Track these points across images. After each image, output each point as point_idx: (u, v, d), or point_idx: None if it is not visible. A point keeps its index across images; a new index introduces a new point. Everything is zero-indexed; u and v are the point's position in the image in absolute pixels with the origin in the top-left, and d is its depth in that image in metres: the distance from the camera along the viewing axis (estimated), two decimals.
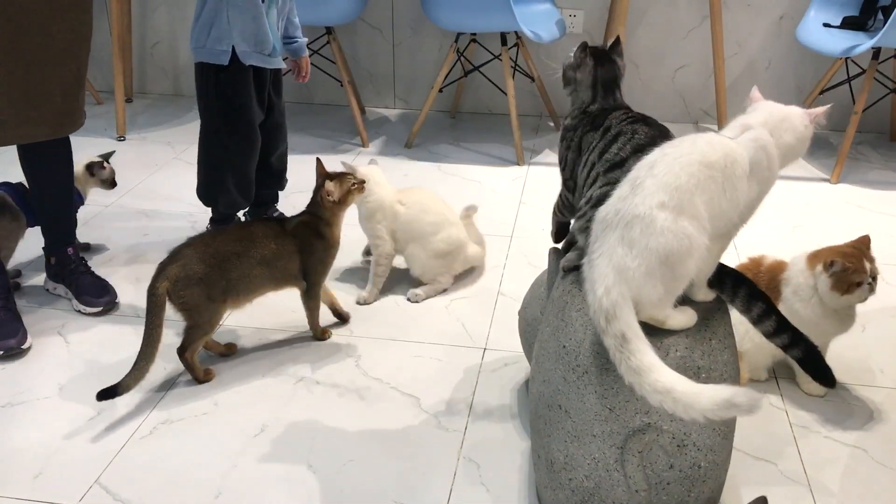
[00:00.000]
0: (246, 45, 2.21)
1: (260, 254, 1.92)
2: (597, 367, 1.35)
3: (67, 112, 2.01)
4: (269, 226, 1.99)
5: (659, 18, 3.59)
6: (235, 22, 2.18)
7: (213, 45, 2.20)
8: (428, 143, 3.49)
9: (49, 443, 1.74)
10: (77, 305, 2.20)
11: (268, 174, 2.52)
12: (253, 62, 2.24)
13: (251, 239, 1.92)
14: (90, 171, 2.47)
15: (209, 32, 2.20)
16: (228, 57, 2.20)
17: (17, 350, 2.01)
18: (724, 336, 1.39)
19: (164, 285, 1.82)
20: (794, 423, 1.81)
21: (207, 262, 1.85)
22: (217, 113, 2.30)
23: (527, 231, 2.71)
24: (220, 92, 2.26)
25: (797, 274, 1.80)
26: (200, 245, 1.88)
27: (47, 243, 2.26)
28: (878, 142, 3.48)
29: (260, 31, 2.21)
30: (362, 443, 1.75)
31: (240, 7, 2.16)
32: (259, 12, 2.19)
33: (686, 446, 1.33)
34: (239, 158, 2.36)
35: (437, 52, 3.80)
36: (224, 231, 2.00)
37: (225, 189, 2.38)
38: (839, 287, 1.73)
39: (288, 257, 1.96)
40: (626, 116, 1.45)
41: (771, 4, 3.50)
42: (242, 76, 2.26)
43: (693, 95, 3.72)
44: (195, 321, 1.88)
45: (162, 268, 1.85)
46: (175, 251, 1.89)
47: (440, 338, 2.12)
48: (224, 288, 1.88)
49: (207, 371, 1.95)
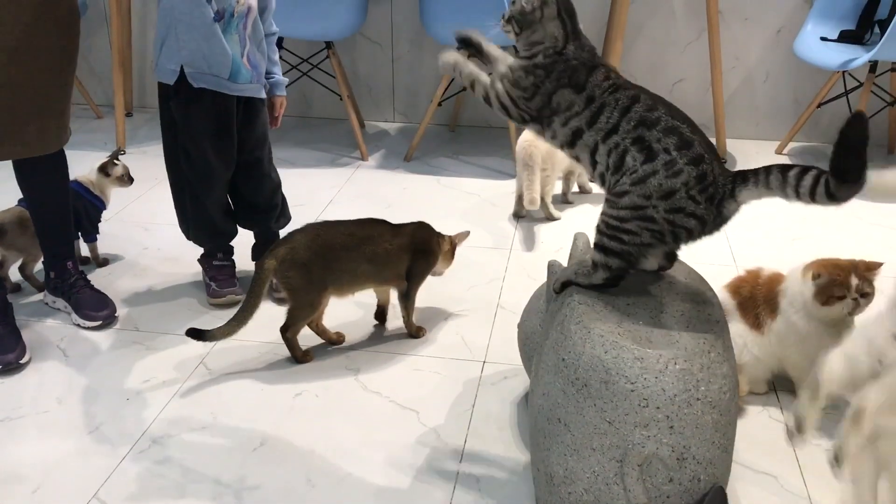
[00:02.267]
0: (196, 66, 2.07)
1: (371, 251, 2.01)
2: (596, 381, 1.35)
3: (52, 129, 2.01)
4: (386, 226, 2.07)
5: (657, 32, 3.61)
6: (186, 41, 2.04)
7: (164, 62, 2.09)
8: (427, 156, 3.50)
9: (48, 457, 1.74)
10: (76, 319, 2.20)
11: (254, 212, 2.37)
12: (205, 85, 2.09)
13: (364, 236, 2.02)
14: (104, 172, 2.49)
15: (161, 49, 2.09)
16: (176, 76, 2.08)
17: (16, 365, 2.01)
18: (722, 349, 1.39)
19: (271, 263, 1.95)
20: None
21: (314, 250, 1.96)
22: (172, 141, 2.19)
23: (526, 244, 2.72)
24: (170, 115, 2.15)
25: (793, 283, 1.80)
26: (312, 233, 2.00)
27: (46, 258, 2.26)
28: (876, 154, 3.49)
29: (214, 52, 2.06)
30: (361, 456, 1.74)
31: (189, 25, 2.03)
32: (212, 31, 2.04)
33: (686, 459, 1.33)
34: (197, 192, 2.24)
35: (436, 66, 3.80)
36: (341, 223, 2.05)
37: (195, 223, 2.30)
38: (820, 297, 1.74)
39: (398, 259, 2.06)
40: (607, 85, 1.42)
41: (768, 18, 3.52)
42: (196, 103, 2.11)
43: (691, 108, 3.72)
44: (297, 303, 2.00)
45: (274, 247, 1.98)
46: (290, 234, 2.02)
47: (439, 351, 2.12)
48: (326, 277, 1.98)
49: (307, 352, 2.06)
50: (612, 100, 1.41)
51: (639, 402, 1.31)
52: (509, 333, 2.18)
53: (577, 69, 1.45)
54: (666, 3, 3.56)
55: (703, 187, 1.35)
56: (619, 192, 1.40)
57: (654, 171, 1.35)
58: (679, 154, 1.35)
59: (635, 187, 1.37)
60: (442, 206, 3.00)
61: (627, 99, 1.40)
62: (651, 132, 1.36)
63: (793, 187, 1.28)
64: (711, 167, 1.36)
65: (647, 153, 1.36)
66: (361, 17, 3.41)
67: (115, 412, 1.88)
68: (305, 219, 2.82)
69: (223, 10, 2.06)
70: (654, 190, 1.36)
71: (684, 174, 1.34)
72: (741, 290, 1.87)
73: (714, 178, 1.35)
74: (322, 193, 3.11)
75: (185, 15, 2.03)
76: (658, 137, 1.36)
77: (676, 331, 1.39)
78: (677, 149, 1.35)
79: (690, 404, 1.31)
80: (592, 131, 1.41)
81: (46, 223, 2.21)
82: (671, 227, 1.38)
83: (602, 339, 1.37)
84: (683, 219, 1.37)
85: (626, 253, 1.43)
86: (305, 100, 3.96)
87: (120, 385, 1.98)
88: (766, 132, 3.71)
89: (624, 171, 1.39)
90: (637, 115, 1.38)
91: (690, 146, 1.35)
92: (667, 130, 1.36)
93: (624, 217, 1.40)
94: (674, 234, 1.39)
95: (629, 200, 1.38)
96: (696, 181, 1.34)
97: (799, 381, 1.89)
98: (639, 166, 1.37)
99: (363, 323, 2.24)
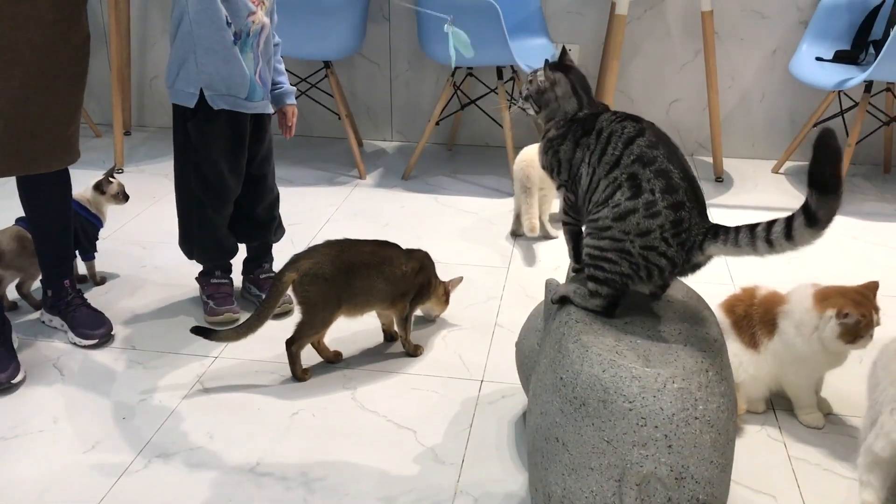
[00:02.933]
0: (215, 88, 2.08)
1: (389, 271, 2.04)
2: (594, 400, 1.35)
3: (61, 146, 2.01)
4: (399, 250, 2.11)
5: (653, 52, 3.63)
6: (205, 64, 2.05)
7: (182, 86, 2.09)
8: (425, 175, 3.51)
9: (44, 476, 1.73)
10: (73, 338, 2.19)
11: (254, 226, 2.37)
12: (224, 106, 2.11)
13: (385, 256, 2.04)
14: (100, 189, 2.49)
15: (178, 73, 2.08)
16: (195, 100, 2.08)
17: (7, 385, 1.99)
18: (720, 368, 1.39)
19: (291, 276, 1.95)
20: (792, 455, 1.80)
21: (337, 266, 1.97)
22: (186, 161, 2.19)
23: (523, 262, 2.72)
24: (187, 139, 2.15)
25: (802, 311, 1.76)
26: (336, 248, 2.00)
27: (45, 276, 2.25)
28: (872, 174, 3.51)
29: (233, 74, 2.08)
30: (358, 476, 1.73)
31: (209, 49, 2.03)
32: (231, 54, 2.05)
33: (684, 479, 1.32)
34: (207, 211, 2.24)
35: (434, 86, 3.83)
36: (361, 242, 2.07)
37: (199, 243, 2.29)
38: (846, 336, 1.71)
39: (410, 283, 2.09)
40: (614, 117, 1.49)
41: (764, 38, 3.54)
42: (213, 123, 2.12)
43: (688, 128, 3.75)
44: (310, 318, 2.00)
45: (295, 259, 1.97)
46: (311, 248, 2.02)
47: (437, 370, 2.11)
48: (344, 294, 1.99)
49: (306, 370, 2.06)
50: (618, 128, 1.45)
51: (637, 422, 1.31)
52: (507, 352, 2.18)
53: (587, 119, 1.52)
54: (662, 24, 3.59)
55: (677, 232, 1.39)
56: (601, 226, 1.43)
57: (636, 209, 1.39)
58: (661, 197, 1.38)
59: (616, 223, 1.41)
60: (440, 224, 3.01)
61: (633, 130, 1.44)
62: (644, 171, 1.40)
63: (763, 239, 1.32)
64: (689, 215, 1.39)
65: (634, 190, 1.40)
66: (360, 37, 3.43)
67: (111, 431, 1.87)
68: (303, 237, 2.83)
69: (241, 30, 2.07)
70: (632, 227, 1.40)
71: (661, 217, 1.38)
72: (736, 310, 1.87)
73: (689, 226, 1.39)
74: (320, 212, 3.11)
75: (205, 39, 2.03)
76: (649, 178, 1.39)
77: (674, 349, 1.39)
78: (661, 192, 1.38)
79: (689, 423, 1.31)
80: (601, 167, 1.45)
81: (47, 241, 2.20)
82: (645, 262, 1.42)
83: (600, 357, 1.37)
84: (656, 257, 1.41)
85: (612, 280, 1.45)
86: (304, 119, 3.98)
87: (116, 403, 1.97)
88: (763, 152, 3.72)
89: (609, 204, 1.42)
90: (638, 150, 1.41)
91: (675, 192, 1.39)
92: (658, 172, 1.39)
93: (605, 247, 1.44)
94: (647, 270, 1.42)
95: (610, 234, 1.42)
96: (672, 226, 1.39)
97: (797, 399, 1.88)
98: (622, 201, 1.41)
99: (361, 341, 2.23)
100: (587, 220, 1.49)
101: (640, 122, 1.46)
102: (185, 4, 2.00)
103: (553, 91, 1.57)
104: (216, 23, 2.01)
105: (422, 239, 2.86)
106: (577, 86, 1.57)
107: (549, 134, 1.57)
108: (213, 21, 2.01)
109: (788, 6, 3.48)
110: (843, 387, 2.00)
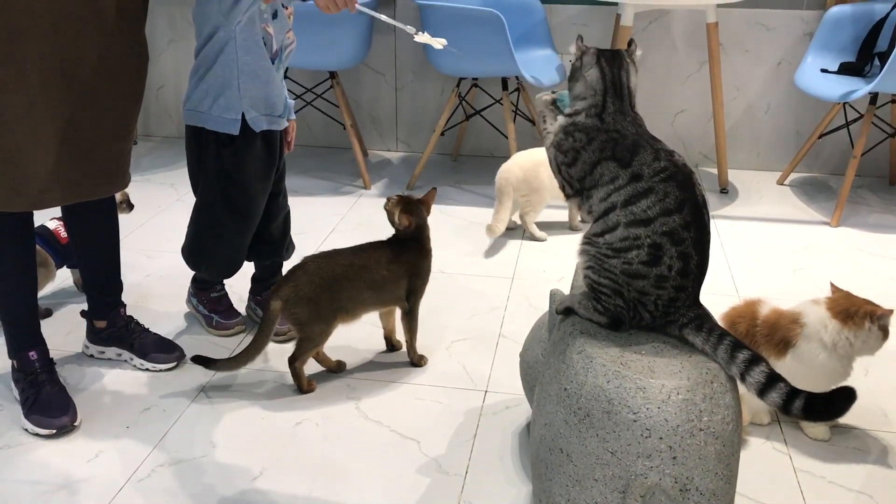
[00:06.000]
0: (256, 110, 2.05)
1: (371, 278, 2.02)
2: (598, 411, 1.34)
3: (116, 170, 1.93)
4: (382, 251, 2.07)
5: (658, 64, 3.64)
6: (247, 89, 2.01)
7: (221, 113, 2.03)
8: (430, 185, 3.51)
9: (47, 485, 1.73)
10: (143, 364, 2.13)
11: (267, 243, 2.29)
12: (266, 126, 2.08)
13: (363, 264, 2.03)
14: None
15: (216, 100, 2.02)
16: (239, 126, 2.03)
17: (71, 428, 1.89)
18: (725, 379, 1.38)
19: (276, 305, 1.97)
20: (797, 467, 1.79)
21: (317, 284, 1.98)
22: (215, 187, 2.12)
23: (528, 273, 2.72)
24: (221, 165, 2.09)
25: (833, 333, 1.78)
26: (314, 265, 2.01)
27: (98, 307, 2.15)
28: (877, 185, 3.50)
29: (271, 94, 2.07)
30: (362, 486, 1.73)
31: (253, 74, 2.01)
32: (271, 76, 2.05)
33: (689, 491, 1.31)
34: (232, 234, 2.18)
35: (438, 97, 3.84)
36: (338, 253, 2.06)
37: (211, 259, 2.23)
38: (885, 333, 1.78)
39: (396, 282, 2.07)
40: (658, 168, 1.39)
41: (769, 50, 3.55)
42: (249, 148, 2.08)
43: (693, 139, 3.76)
44: (306, 334, 2.01)
45: (277, 287, 1.99)
46: (290, 271, 2.01)
47: (441, 380, 2.11)
48: (333, 307, 1.99)
49: (310, 382, 2.06)
50: (661, 189, 1.38)
51: (641, 433, 1.31)
52: (511, 363, 2.17)
53: (619, 142, 1.42)
54: (667, 36, 3.59)
55: (668, 308, 1.43)
56: (608, 268, 1.43)
57: (647, 276, 1.40)
58: (672, 275, 1.40)
59: (623, 276, 1.42)
60: (444, 234, 3.01)
61: (675, 202, 1.37)
62: (671, 248, 1.38)
63: (738, 372, 1.36)
64: (686, 296, 1.42)
65: (652, 258, 1.39)
66: (365, 47, 3.44)
67: (115, 440, 1.87)
68: (309, 246, 2.83)
69: (279, 48, 2.07)
70: (636, 286, 1.42)
71: (664, 291, 1.41)
72: (737, 327, 1.85)
73: (680, 305, 1.43)
74: (325, 221, 3.12)
75: (250, 65, 2.00)
76: (672, 255, 1.39)
77: (679, 360, 1.39)
78: (676, 272, 1.40)
79: (693, 435, 1.31)
80: (624, 212, 1.39)
81: (99, 269, 2.12)
82: (634, 308, 1.45)
83: (604, 368, 1.36)
84: (642, 310, 1.44)
85: (609, 310, 1.47)
86: (309, 129, 3.99)
87: (120, 413, 1.97)
88: (768, 163, 3.72)
89: (621, 258, 1.41)
90: (672, 225, 1.37)
91: (685, 277, 1.41)
92: (681, 255, 1.39)
93: (603, 284, 1.45)
94: (636, 312, 1.45)
95: (611, 277, 1.44)
96: (667, 302, 1.42)
97: None
98: (636, 263, 1.40)
99: (364, 351, 2.23)
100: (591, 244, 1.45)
101: (682, 189, 1.38)
102: (232, 32, 1.95)
103: (579, 61, 1.48)
104: (261, 48, 2.00)
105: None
106: (608, 68, 1.46)
107: (577, 118, 1.46)
108: (258, 46, 2.00)
109: (793, 18, 3.49)
110: None
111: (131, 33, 1.86)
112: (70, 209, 2.03)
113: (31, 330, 1.98)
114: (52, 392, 1.92)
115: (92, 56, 1.77)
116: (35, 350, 1.96)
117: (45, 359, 1.97)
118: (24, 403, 1.91)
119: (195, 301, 2.35)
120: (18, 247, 1.90)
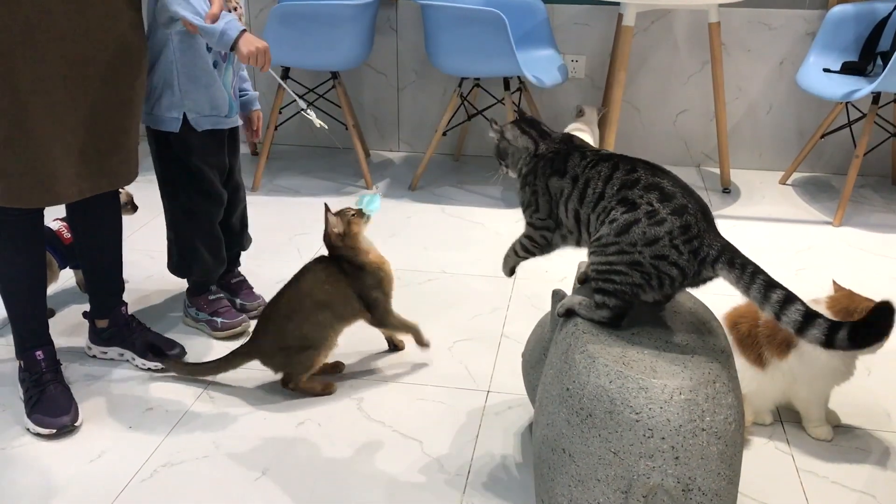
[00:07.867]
0: (198, 112, 2.10)
1: (317, 301, 1.99)
2: (601, 411, 1.34)
3: (131, 159, 1.97)
4: (316, 274, 2.04)
5: (660, 64, 3.63)
6: (188, 91, 2.07)
7: (163, 112, 2.09)
8: (432, 185, 3.52)
9: (49, 486, 1.73)
10: (142, 363, 2.13)
11: (229, 235, 2.36)
12: (207, 126, 2.13)
13: (304, 294, 2.01)
14: None
15: (159, 100, 2.08)
16: (179, 124, 2.09)
17: (72, 428, 1.90)
18: (728, 379, 1.38)
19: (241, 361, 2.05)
20: (800, 467, 1.79)
21: (273, 336, 2.00)
22: (174, 178, 2.19)
23: (530, 273, 2.72)
24: (173, 155, 2.15)
25: None
26: (261, 323, 2.04)
27: (99, 306, 2.16)
28: (879, 185, 3.50)
29: (215, 97, 2.11)
30: (365, 486, 1.73)
31: (192, 76, 2.06)
32: (212, 79, 2.08)
33: (691, 491, 1.31)
34: (204, 220, 2.25)
35: (440, 97, 3.84)
36: (280, 296, 2.04)
37: (198, 256, 2.27)
38: None
39: (343, 297, 2.02)
40: (585, 162, 1.52)
41: (771, 50, 3.54)
42: (197, 137, 2.14)
43: (695, 139, 3.75)
44: (292, 371, 2.02)
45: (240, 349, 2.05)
46: (255, 329, 2.06)
47: (443, 380, 2.11)
48: (304, 345, 1.98)
49: (328, 384, 2.06)
50: (594, 173, 1.49)
51: (644, 433, 1.30)
52: (513, 363, 2.17)
53: (554, 159, 1.57)
54: (669, 36, 3.59)
55: (688, 238, 1.39)
56: (605, 243, 1.44)
57: (637, 219, 1.40)
58: (662, 206, 1.40)
59: (620, 237, 1.41)
60: (446, 235, 3.01)
61: (608, 168, 1.48)
62: (632, 191, 1.43)
63: (773, 310, 1.34)
64: (695, 219, 1.39)
65: (629, 206, 1.42)
66: (368, 48, 3.44)
67: (117, 440, 1.87)
68: (310, 247, 2.83)
69: (227, 53, 2.07)
70: (638, 238, 1.40)
71: (668, 223, 1.39)
72: (739, 327, 1.84)
73: (699, 232, 1.39)
74: None
75: (188, 67, 2.05)
76: (640, 194, 1.42)
77: (681, 360, 1.39)
78: (659, 201, 1.40)
79: (696, 435, 1.31)
80: (585, 207, 1.49)
81: (102, 267, 2.13)
82: (657, 272, 1.41)
83: (607, 368, 1.36)
84: (667, 266, 1.40)
85: (621, 291, 1.45)
86: (311, 129, 3.99)
87: (123, 413, 1.97)
88: (770, 163, 3.72)
89: (607, 223, 1.43)
90: (619, 180, 1.45)
91: (672, 198, 1.40)
92: (647, 187, 1.42)
93: (613, 262, 1.44)
94: (659, 279, 1.42)
95: (616, 248, 1.43)
96: (681, 231, 1.38)
97: (807, 413, 1.87)
98: (619, 216, 1.42)
99: (366, 352, 2.23)
100: (590, 243, 1.50)
101: (611, 157, 1.50)
102: (168, 34, 2.00)
103: (504, 139, 1.66)
104: (199, 50, 2.04)
105: (428, 250, 2.87)
106: (525, 125, 1.65)
107: (522, 171, 1.64)
108: (196, 50, 2.04)
109: (795, 18, 3.48)
110: (852, 399, 1.99)
111: (139, 21, 1.90)
112: (75, 207, 2.03)
113: (39, 330, 1.99)
114: (55, 392, 1.93)
115: (107, 49, 1.81)
116: (42, 350, 1.97)
117: (52, 359, 1.98)
118: (28, 403, 1.92)
119: (194, 311, 2.35)
120: (29, 247, 1.91)
